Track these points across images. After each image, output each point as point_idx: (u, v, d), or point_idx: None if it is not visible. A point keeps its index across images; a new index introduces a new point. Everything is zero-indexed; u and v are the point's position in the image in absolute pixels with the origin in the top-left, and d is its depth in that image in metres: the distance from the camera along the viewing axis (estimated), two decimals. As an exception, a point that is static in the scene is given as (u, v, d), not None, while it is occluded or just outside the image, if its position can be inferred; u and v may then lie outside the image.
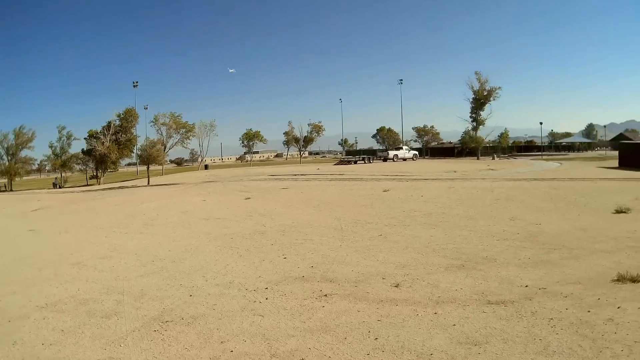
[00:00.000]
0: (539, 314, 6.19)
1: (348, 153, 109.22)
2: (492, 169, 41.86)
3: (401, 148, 76.13)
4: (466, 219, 14.13)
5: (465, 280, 7.85)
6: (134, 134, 68.02)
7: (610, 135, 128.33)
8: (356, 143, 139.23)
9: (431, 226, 13.04)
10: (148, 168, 52.33)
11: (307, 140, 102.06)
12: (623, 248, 9.66)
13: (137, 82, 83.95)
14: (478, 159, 75.06)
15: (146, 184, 46.75)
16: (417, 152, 77.33)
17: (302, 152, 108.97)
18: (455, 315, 6.27)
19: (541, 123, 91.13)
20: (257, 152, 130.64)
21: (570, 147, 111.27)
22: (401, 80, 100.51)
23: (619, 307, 6.24)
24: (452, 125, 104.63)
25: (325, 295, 7.20)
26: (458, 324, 5.95)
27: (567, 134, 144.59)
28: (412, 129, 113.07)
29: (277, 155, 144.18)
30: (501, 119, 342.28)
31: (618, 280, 7.32)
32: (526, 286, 7.40)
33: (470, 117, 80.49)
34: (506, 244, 10.51)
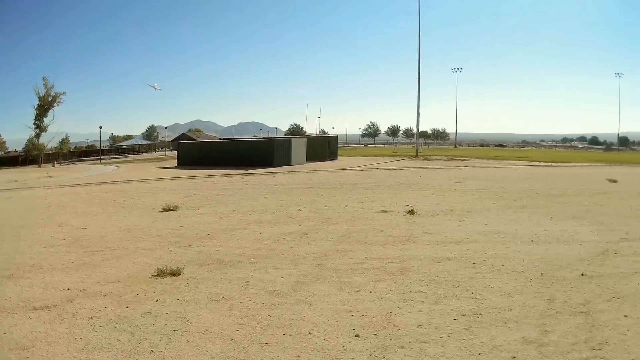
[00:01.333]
0: (79, 314, 6.71)
1: None
2: (51, 176, 42.50)
3: None
4: (19, 228, 14.25)
5: (14, 289, 8.08)
6: None
7: (174, 136, 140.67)
8: None
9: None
10: None
11: None
12: (165, 244, 11.12)
13: None
14: (39, 166, 75.02)
15: None
16: None
17: None
18: (5, 323, 6.50)
19: (100, 127, 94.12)
20: None
21: (131, 150, 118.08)
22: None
23: (157, 300, 7.15)
24: (18, 134, 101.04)
25: None
26: (8, 332, 6.20)
27: (129, 137, 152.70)
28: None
29: None
30: (66, 125, 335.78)
31: (158, 275, 8.39)
32: (68, 289, 7.89)
33: (34, 124, 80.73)
34: (52, 250, 11.04)
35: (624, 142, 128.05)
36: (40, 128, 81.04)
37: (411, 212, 14.46)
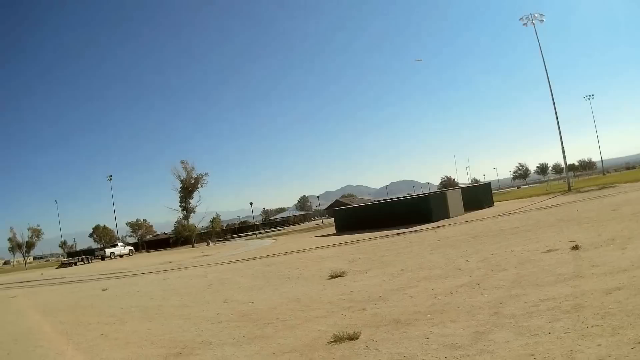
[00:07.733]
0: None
1: (69, 255, 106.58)
2: (207, 255, 45.65)
3: (117, 245, 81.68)
4: (181, 307, 15.07)
5: (184, 367, 8.34)
6: None
7: (327, 204, 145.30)
8: (75, 244, 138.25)
9: (148, 319, 13.76)
10: None
11: (29, 245, 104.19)
12: (338, 310, 11.01)
13: None
14: (193, 246, 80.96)
15: None
16: (132, 248, 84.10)
17: (26, 258, 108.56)
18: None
19: (251, 203, 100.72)
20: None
21: (286, 222, 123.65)
22: (110, 176, 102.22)
23: (339, 366, 6.95)
24: (164, 216, 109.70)
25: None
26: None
27: (282, 209, 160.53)
28: (126, 224, 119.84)
29: (5, 263, 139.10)
30: (213, 204, 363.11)
31: (335, 341, 8.29)
32: (243, 361, 7.95)
33: (181, 206, 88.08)
34: (220, 326, 11.33)
35: None
36: (187, 209, 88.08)
37: (575, 247, 14.29)
